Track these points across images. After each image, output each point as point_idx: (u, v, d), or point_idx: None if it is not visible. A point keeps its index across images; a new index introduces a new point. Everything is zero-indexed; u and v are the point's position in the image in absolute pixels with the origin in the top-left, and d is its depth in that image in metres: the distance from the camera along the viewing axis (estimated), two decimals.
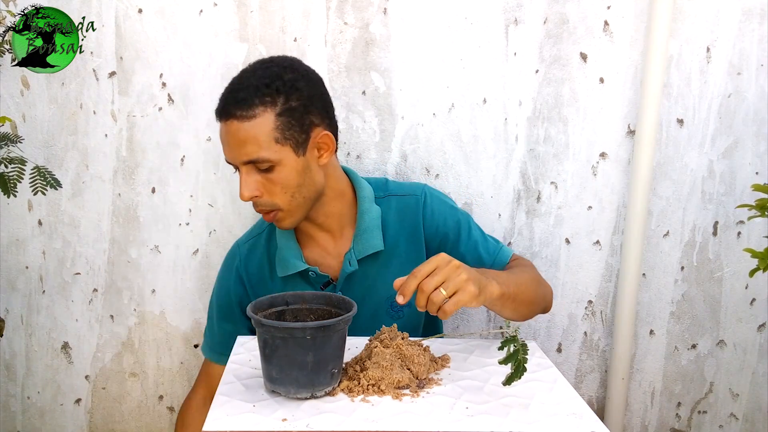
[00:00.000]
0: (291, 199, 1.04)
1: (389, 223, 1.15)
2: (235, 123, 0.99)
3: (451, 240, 1.16)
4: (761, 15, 1.33)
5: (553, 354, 1.46)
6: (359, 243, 1.12)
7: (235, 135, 1.00)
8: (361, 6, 1.32)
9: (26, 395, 1.45)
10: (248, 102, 0.99)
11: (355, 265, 1.12)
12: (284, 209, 1.05)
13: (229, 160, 1.04)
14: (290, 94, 1.01)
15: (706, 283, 1.44)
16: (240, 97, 1.00)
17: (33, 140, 1.34)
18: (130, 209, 1.38)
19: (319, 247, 1.16)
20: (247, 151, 0.99)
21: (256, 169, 1.01)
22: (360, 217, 1.13)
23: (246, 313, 1.16)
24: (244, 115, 0.99)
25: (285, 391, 0.81)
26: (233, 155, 1.02)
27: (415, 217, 1.15)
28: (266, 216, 1.06)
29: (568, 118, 1.37)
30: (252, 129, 0.99)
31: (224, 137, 1.03)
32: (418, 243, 1.15)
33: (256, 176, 1.02)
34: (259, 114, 0.99)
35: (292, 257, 1.13)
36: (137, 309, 1.42)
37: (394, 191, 1.18)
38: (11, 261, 1.39)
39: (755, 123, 1.37)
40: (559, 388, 0.88)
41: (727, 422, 1.50)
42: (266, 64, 1.05)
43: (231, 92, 1.02)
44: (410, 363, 0.89)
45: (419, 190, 1.18)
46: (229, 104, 1.01)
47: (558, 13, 1.33)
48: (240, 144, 1.00)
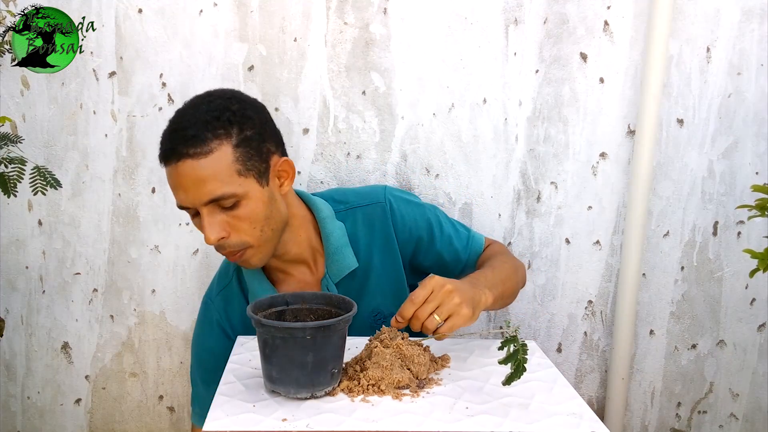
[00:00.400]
0: (261, 234, 0.98)
1: (359, 237, 1.10)
2: (189, 162, 0.92)
3: (426, 241, 1.13)
4: (761, 15, 1.33)
5: (553, 354, 1.46)
6: (332, 266, 1.08)
7: (191, 175, 0.92)
8: (361, 6, 1.32)
9: (26, 395, 1.45)
10: (200, 138, 0.92)
11: (333, 290, 1.08)
12: (254, 245, 0.99)
13: (185, 204, 0.95)
14: (243, 124, 0.96)
15: (706, 283, 1.44)
16: (189, 135, 0.92)
17: (33, 140, 1.34)
18: (130, 209, 1.38)
19: (296, 281, 1.10)
20: (209, 189, 0.92)
21: (218, 208, 0.95)
22: (326, 239, 1.08)
23: None
24: (198, 152, 0.92)
25: (285, 391, 0.81)
26: (192, 198, 0.93)
27: (384, 226, 1.11)
28: (233, 257, 0.99)
29: (568, 118, 1.37)
30: (210, 165, 0.92)
31: (177, 180, 0.94)
32: (392, 252, 1.11)
33: (220, 216, 0.95)
34: (215, 148, 0.92)
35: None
36: (137, 309, 1.42)
37: (354, 202, 1.12)
38: (11, 261, 1.39)
39: (755, 123, 1.37)
40: (559, 388, 0.88)
41: (727, 422, 1.50)
42: (208, 98, 0.99)
43: (176, 131, 0.94)
44: (410, 363, 0.89)
45: (381, 196, 1.12)
46: (178, 144, 0.93)
47: (558, 13, 1.33)
48: (199, 184, 0.92)
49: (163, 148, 0.96)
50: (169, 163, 0.95)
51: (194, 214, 0.98)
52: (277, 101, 1.35)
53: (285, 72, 1.34)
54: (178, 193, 0.95)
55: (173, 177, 0.95)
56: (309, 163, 1.38)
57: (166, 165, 0.96)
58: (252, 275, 1.09)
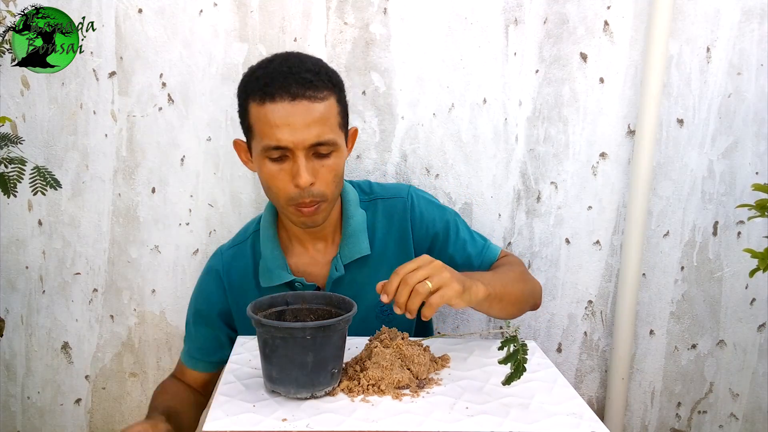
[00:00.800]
0: (335, 189, 1.02)
1: (377, 228, 1.12)
2: (304, 103, 0.95)
3: (440, 241, 1.14)
4: (761, 15, 1.33)
5: (553, 354, 1.46)
6: (345, 248, 1.10)
7: (305, 115, 0.95)
8: (361, 6, 1.32)
9: (26, 395, 1.45)
10: (316, 84, 0.96)
11: (341, 271, 1.09)
12: (328, 200, 1.02)
13: (285, 143, 0.95)
14: (341, 86, 1.03)
15: (706, 283, 1.44)
16: (307, 78, 0.96)
17: (33, 140, 1.34)
18: (130, 209, 1.38)
19: (307, 255, 1.12)
20: (318, 132, 0.96)
21: (314, 154, 0.98)
22: (345, 221, 1.11)
23: (224, 320, 1.14)
24: (314, 96, 0.95)
25: (285, 391, 0.81)
26: (298, 137, 0.95)
27: (402, 220, 1.13)
28: (308, 208, 1.00)
29: (568, 118, 1.37)
30: (323, 110, 0.96)
31: (286, 119, 0.94)
32: (406, 246, 1.13)
33: (312, 162, 0.98)
34: (327, 97, 0.97)
35: (277, 267, 1.09)
36: (137, 309, 1.42)
37: (379, 194, 1.15)
38: (11, 261, 1.39)
39: (755, 123, 1.37)
40: (559, 388, 0.88)
41: (727, 422, 1.50)
42: (302, 56, 1.02)
43: (291, 74, 0.96)
44: (410, 363, 0.89)
45: (404, 192, 1.15)
46: (293, 85, 0.95)
47: (558, 13, 1.33)
48: (310, 125, 0.95)
49: (274, 86, 0.95)
50: (277, 100, 0.95)
51: (279, 158, 0.98)
52: None
53: None
54: (283, 130, 0.95)
55: (280, 114, 0.95)
56: None
57: (271, 102, 0.95)
58: (268, 240, 1.11)
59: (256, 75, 0.99)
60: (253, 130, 1.00)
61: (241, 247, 1.16)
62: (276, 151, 0.97)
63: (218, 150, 1.37)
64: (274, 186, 1.00)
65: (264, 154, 0.98)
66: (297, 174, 0.96)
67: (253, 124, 0.99)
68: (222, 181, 1.38)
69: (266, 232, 1.12)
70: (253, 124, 0.99)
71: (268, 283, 1.09)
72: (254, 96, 0.97)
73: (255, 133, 0.99)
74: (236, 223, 1.39)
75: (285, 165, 0.98)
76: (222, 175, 1.38)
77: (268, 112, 0.95)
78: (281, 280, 1.08)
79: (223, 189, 1.38)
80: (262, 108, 0.96)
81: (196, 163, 1.37)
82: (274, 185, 1.00)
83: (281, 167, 0.98)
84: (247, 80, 1.01)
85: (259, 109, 0.96)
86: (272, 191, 1.01)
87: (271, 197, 1.04)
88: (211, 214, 1.39)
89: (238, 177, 1.38)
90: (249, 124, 1.00)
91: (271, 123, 0.95)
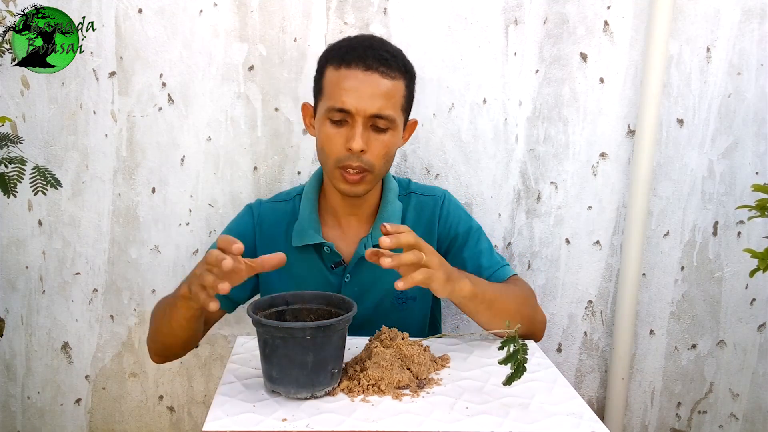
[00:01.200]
0: (382, 165, 1.07)
1: (407, 219, 1.18)
2: (376, 76, 1.02)
3: (459, 243, 1.17)
4: (761, 15, 1.33)
5: (553, 354, 1.46)
6: (378, 230, 1.13)
7: (373, 86, 1.02)
8: (361, 6, 1.32)
9: (26, 395, 1.45)
10: (391, 63, 1.03)
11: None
12: (374, 172, 1.07)
13: (349, 107, 1.02)
14: (412, 75, 1.10)
15: (706, 283, 1.44)
16: (384, 56, 1.03)
17: (33, 140, 1.34)
18: (130, 209, 1.38)
19: (339, 228, 1.17)
20: (381, 105, 1.02)
21: (371, 126, 1.04)
22: (383, 206, 1.16)
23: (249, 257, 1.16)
24: (386, 73, 1.03)
25: (285, 391, 0.81)
26: (362, 104, 1.02)
27: (432, 215, 1.18)
28: (355, 176, 1.06)
29: (568, 118, 1.37)
30: (391, 88, 1.03)
31: (355, 85, 1.02)
32: (430, 240, 1.15)
33: (367, 133, 1.04)
34: (398, 77, 1.04)
35: (311, 229, 1.13)
36: (137, 309, 1.42)
37: (415, 190, 1.22)
38: (11, 261, 1.39)
39: (755, 123, 1.37)
40: (559, 388, 0.88)
41: (727, 422, 1.50)
42: (387, 41, 1.10)
43: (372, 49, 1.04)
44: (410, 363, 0.89)
45: (439, 192, 1.21)
46: (371, 57, 1.02)
47: (558, 13, 1.33)
48: (376, 96, 1.02)
49: (352, 55, 1.03)
50: (352, 67, 1.02)
51: (339, 122, 1.04)
52: (277, 101, 1.35)
53: (285, 72, 1.34)
54: (350, 94, 1.02)
55: (351, 80, 1.02)
56: (309, 163, 1.38)
57: (347, 68, 1.03)
58: (308, 203, 1.16)
59: (339, 45, 1.08)
60: (323, 92, 1.07)
61: (281, 205, 1.20)
62: (338, 113, 1.03)
63: (218, 150, 1.37)
64: (327, 147, 1.06)
65: (326, 115, 1.05)
66: (351, 138, 1.03)
67: (324, 86, 1.06)
68: (222, 181, 1.38)
69: (308, 195, 1.17)
70: (325, 85, 1.06)
71: (299, 242, 1.13)
72: (332, 61, 1.05)
73: (324, 94, 1.06)
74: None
75: (342, 129, 1.04)
76: (222, 175, 1.38)
77: (341, 77, 1.03)
78: (313, 240, 1.12)
79: (223, 189, 1.38)
80: (336, 72, 1.04)
81: (196, 163, 1.37)
82: (328, 146, 1.06)
83: (338, 131, 1.04)
84: (329, 49, 1.09)
85: (334, 72, 1.04)
86: (324, 152, 1.07)
87: (323, 159, 1.09)
88: (211, 214, 1.39)
89: (238, 177, 1.38)
90: (321, 86, 1.08)
91: (341, 86, 1.03)
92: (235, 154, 1.37)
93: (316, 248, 1.14)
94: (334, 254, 1.13)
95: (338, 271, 1.14)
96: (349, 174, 1.05)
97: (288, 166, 1.38)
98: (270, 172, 1.38)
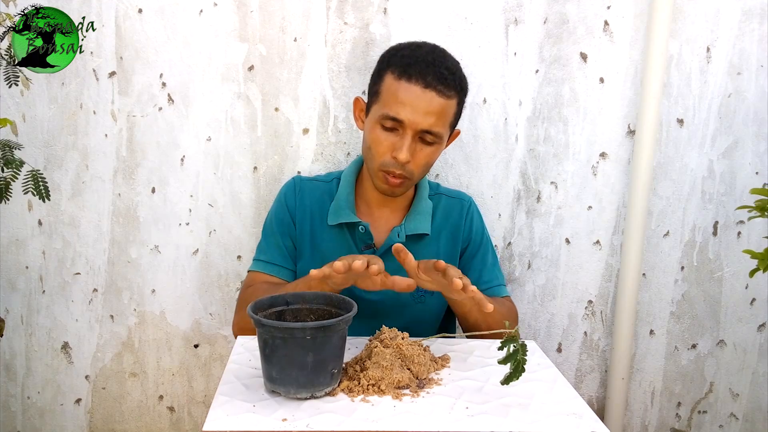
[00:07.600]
0: (421, 174, 1.13)
1: (435, 217, 1.23)
2: (433, 94, 1.06)
3: (469, 251, 1.24)
4: (761, 15, 1.33)
5: (553, 354, 1.46)
6: (411, 222, 1.19)
7: (429, 103, 1.06)
8: (361, 6, 1.32)
9: (26, 395, 1.45)
10: (449, 83, 1.07)
11: (402, 238, 1.18)
12: (413, 179, 1.13)
13: (402, 118, 1.06)
14: (466, 91, 1.14)
15: (706, 283, 1.44)
16: (444, 76, 1.06)
17: (33, 140, 1.34)
18: (130, 209, 1.38)
19: (372, 216, 1.21)
20: (432, 122, 1.07)
21: (420, 138, 1.09)
22: (417, 201, 1.22)
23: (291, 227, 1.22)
24: (443, 92, 1.06)
25: (285, 391, 0.81)
26: (415, 119, 1.06)
27: (459, 218, 1.24)
28: (396, 179, 1.11)
29: (568, 118, 1.37)
30: (444, 107, 1.07)
31: (414, 101, 1.06)
32: (455, 240, 1.23)
33: (415, 145, 1.09)
34: (452, 97, 1.08)
35: (347, 208, 1.18)
36: (137, 309, 1.42)
37: (443, 191, 1.27)
38: (11, 261, 1.39)
39: (755, 123, 1.37)
40: (559, 388, 0.88)
41: (727, 422, 1.50)
42: (447, 53, 1.12)
43: (436, 66, 1.07)
44: (410, 363, 0.89)
45: (467, 198, 1.27)
46: (432, 75, 1.06)
47: (558, 13, 1.33)
48: (429, 114, 1.06)
49: (414, 69, 1.06)
50: (412, 82, 1.06)
51: (390, 128, 1.09)
52: (277, 101, 1.35)
53: (285, 72, 1.34)
54: (405, 108, 1.06)
55: (409, 95, 1.06)
56: (309, 162, 1.38)
57: (407, 81, 1.06)
58: (347, 185, 1.21)
59: (402, 53, 1.10)
60: (379, 96, 1.10)
61: (321, 185, 1.25)
62: (391, 122, 1.08)
63: (218, 150, 1.37)
64: (375, 149, 1.11)
65: (379, 120, 1.09)
66: (399, 148, 1.08)
67: (382, 92, 1.10)
68: (222, 181, 1.38)
69: (347, 179, 1.22)
70: (383, 91, 1.09)
71: (335, 221, 1.18)
72: (394, 69, 1.08)
73: (380, 100, 1.10)
74: (236, 223, 1.39)
75: (392, 136, 1.09)
76: (222, 175, 1.38)
77: (400, 88, 1.06)
78: (349, 219, 1.17)
79: (223, 189, 1.38)
80: (396, 82, 1.07)
81: (196, 163, 1.37)
82: (376, 149, 1.10)
83: (388, 136, 1.09)
84: (393, 53, 1.12)
85: (394, 82, 1.07)
86: (371, 153, 1.12)
87: (368, 158, 1.14)
88: (211, 214, 1.39)
89: (238, 177, 1.38)
90: (378, 90, 1.10)
91: (399, 98, 1.06)
92: (235, 154, 1.37)
93: (350, 229, 1.18)
94: (368, 235, 1.17)
95: (368, 254, 1.15)
96: (391, 177, 1.11)
97: (288, 166, 1.38)
98: (270, 172, 1.38)
